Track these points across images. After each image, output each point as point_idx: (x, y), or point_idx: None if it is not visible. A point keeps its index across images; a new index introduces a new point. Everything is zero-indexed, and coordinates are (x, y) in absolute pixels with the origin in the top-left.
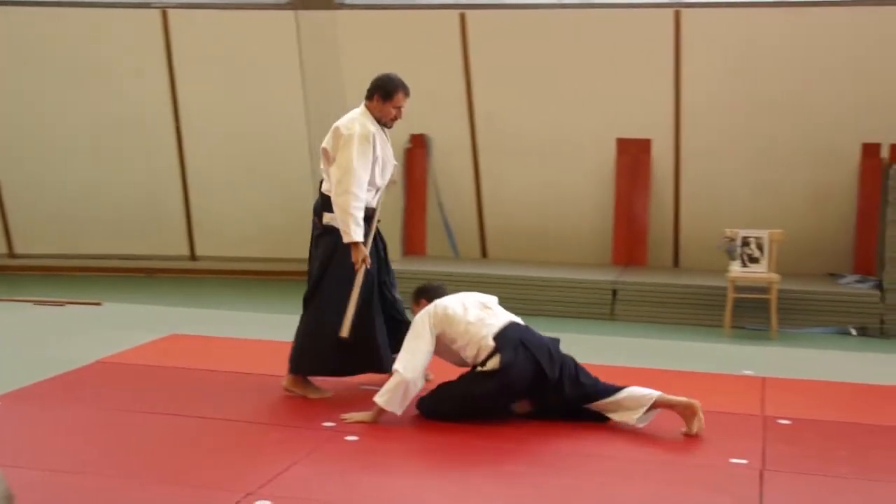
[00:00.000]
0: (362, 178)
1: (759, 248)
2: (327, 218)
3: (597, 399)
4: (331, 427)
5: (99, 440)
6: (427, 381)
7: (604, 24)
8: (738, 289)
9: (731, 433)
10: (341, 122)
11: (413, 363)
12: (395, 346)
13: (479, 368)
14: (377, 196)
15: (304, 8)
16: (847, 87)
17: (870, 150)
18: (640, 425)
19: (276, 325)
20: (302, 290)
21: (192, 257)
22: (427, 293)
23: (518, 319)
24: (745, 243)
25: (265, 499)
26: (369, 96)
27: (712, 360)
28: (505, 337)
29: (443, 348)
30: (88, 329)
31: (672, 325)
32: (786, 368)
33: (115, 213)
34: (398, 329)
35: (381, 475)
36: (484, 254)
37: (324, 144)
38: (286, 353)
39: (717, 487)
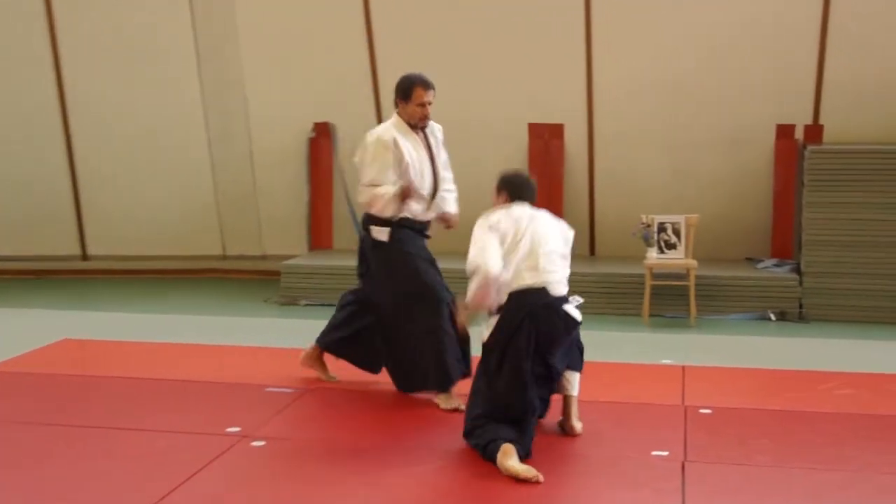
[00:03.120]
0: (375, 179)
1: (676, 233)
2: (375, 231)
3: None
4: (236, 433)
5: None
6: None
7: (514, 8)
8: (656, 276)
9: (653, 425)
10: (369, 132)
11: (488, 255)
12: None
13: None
14: (427, 209)
15: None
16: (760, 69)
17: (784, 131)
18: None
19: (174, 326)
20: (202, 288)
21: (84, 257)
22: (510, 188)
23: (554, 280)
24: (662, 229)
25: None
26: (395, 103)
27: (631, 350)
28: (516, 299)
29: None
30: None
31: (589, 314)
32: (706, 356)
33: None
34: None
35: (287, 482)
36: None
37: (355, 158)
38: (184, 355)
39: (638, 481)
